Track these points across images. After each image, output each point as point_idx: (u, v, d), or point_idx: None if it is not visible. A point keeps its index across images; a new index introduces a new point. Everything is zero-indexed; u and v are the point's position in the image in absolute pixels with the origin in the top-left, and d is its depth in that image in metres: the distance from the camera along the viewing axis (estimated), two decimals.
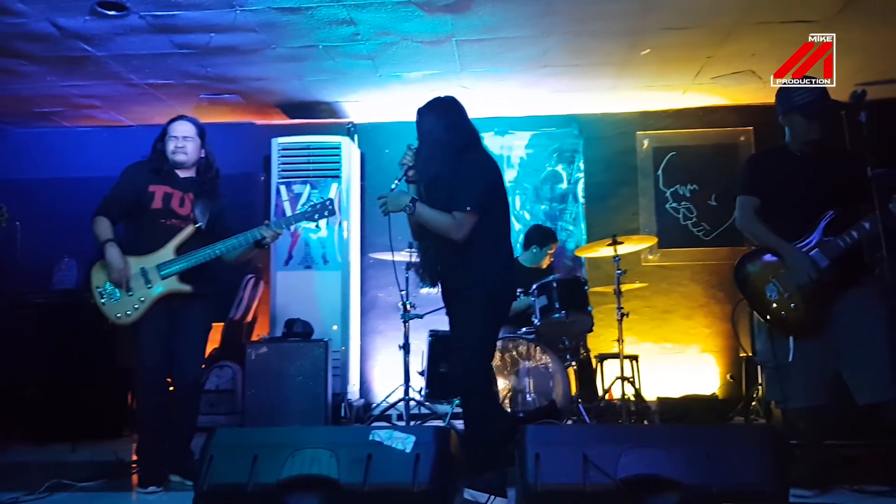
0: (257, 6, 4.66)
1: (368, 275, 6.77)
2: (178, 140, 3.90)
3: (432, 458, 2.67)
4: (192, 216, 3.87)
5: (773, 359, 3.42)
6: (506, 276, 3.44)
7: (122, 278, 3.69)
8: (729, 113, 6.70)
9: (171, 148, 3.90)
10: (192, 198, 3.91)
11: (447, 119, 3.43)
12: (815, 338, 3.35)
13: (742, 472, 2.56)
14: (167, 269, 3.74)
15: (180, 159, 3.91)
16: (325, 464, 2.69)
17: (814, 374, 3.34)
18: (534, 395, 4.89)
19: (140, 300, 3.72)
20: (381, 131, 6.91)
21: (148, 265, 3.74)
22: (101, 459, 4.29)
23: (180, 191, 3.89)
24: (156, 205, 3.82)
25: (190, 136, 3.94)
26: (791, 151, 3.58)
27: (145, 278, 3.73)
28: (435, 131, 3.41)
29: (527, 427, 2.74)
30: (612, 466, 2.58)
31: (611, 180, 6.78)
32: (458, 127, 3.43)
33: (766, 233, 3.51)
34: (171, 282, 3.74)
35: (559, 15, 4.86)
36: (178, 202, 3.87)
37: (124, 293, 3.72)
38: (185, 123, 3.97)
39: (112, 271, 3.70)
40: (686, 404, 5.60)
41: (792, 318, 3.38)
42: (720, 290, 6.51)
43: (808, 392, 3.35)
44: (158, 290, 3.74)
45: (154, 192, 3.84)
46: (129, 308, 3.72)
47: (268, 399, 5.11)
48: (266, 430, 3.63)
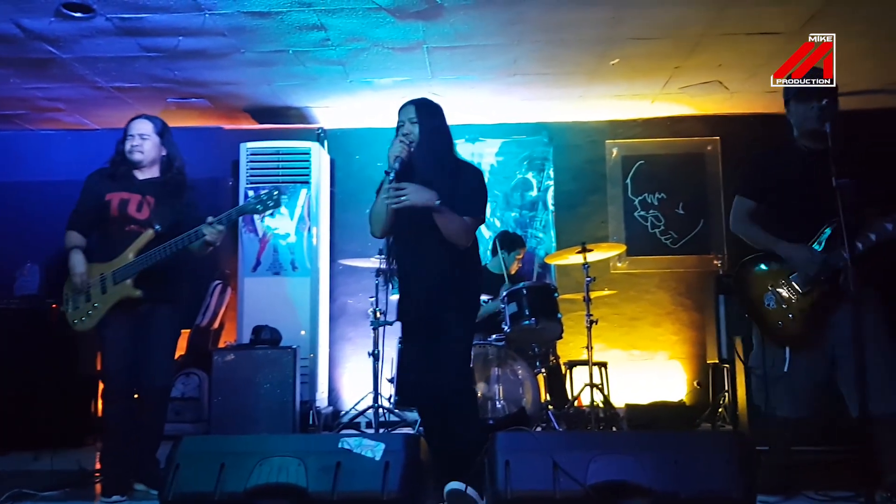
0: (226, 10, 4.62)
1: (338, 281, 6.74)
2: (134, 139, 3.84)
3: (402, 466, 2.66)
4: (152, 220, 3.79)
5: (763, 366, 3.39)
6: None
7: (81, 284, 3.70)
8: (696, 123, 6.78)
9: (127, 147, 3.84)
10: (151, 201, 3.82)
11: (443, 123, 3.42)
12: (808, 349, 3.29)
13: (710, 478, 2.58)
14: (121, 274, 3.69)
15: (137, 158, 3.83)
16: (294, 472, 2.66)
17: (804, 386, 3.30)
18: (503, 402, 4.89)
19: (95, 306, 3.71)
20: (351, 137, 6.90)
21: (107, 272, 3.71)
22: (64, 468, 4.21)
23: (138, 194, 3.81)
24: (112, 212, 3.77)
25: (147, 134, 3.86)
26: (796, 148, 3.44)
27: (102, 285, 3.71)
28: (434, 133, 3.36)
29: (497, 434, 2.74)
30: (582, 473, 2.58)
31: (580, 188, 6.82)
32: (449, 133, 3.43)
33: (762, 234, 3.43)
34: (122, 286, 3.68)
35: (529, 24, 4.88)
36: (135, 207, 3.79)
37: (83, 300, 3.72)
38: (143, 122, 3.90)
39: (72, 277, 3.72)
40: (654, 411, 5.65)
41: (788, 329, 3.31)
42: (688, 297, 6.57)
43: (797, 403, 3.32)
44: (112, 297, 3.69)
45: (111, 200, 3.78)
46: (84, 314, 3.72)
47: (235, 407, 5.05)
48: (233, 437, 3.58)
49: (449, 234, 3.24)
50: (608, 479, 2.58)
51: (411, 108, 3.39)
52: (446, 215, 3.21)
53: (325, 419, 5.88)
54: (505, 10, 4.68)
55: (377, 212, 3.38)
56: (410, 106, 3.40)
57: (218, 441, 3.03)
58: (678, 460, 2.60)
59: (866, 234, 3.16)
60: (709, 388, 6.06)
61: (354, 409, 5.74)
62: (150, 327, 3.79)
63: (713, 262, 6.33)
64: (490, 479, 2.68)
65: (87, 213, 3.84)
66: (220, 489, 2.64)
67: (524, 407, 4.84)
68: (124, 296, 3.68)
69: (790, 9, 4.66)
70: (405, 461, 2.67)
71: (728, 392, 5.45)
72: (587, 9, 4.65)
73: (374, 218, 3.43)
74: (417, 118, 3.35)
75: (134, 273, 3.67)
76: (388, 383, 5.53)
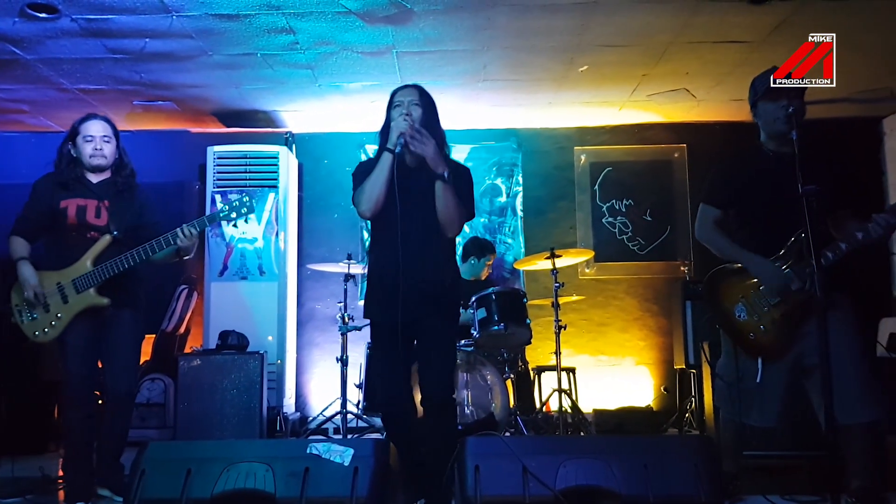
0: (194, 12, 4.58)
1: (305, 286, 6.71)
2: (95, 141, 3.71)
3: (371, 472, 2.65)
4: (109, 225, 3.70)
5: (734, 376, 3.31)
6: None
7: (36, 296, 3.58)
8: (663, 130, 6.85)
9: (88, 151, 3.70)
10: (107, 205, 3.72)
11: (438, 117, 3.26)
12: (781, 359, 3.22)
13: (679, 482, 2.60)
14: (83, 283, 3.60)
15: (99, 163, 3.73)
16: (261, 478, 2.64)
17: (775, 396, 3.25)
18: (472, 408, 4.87)
19: (57, 316, 3.61)
20: (319, 141, 6.88)
21: (65, 280, 3.61)
22: (26, 475, 4.13)
23: (95, 199, 3.71)
24: (70, 220, 3.66)
25: (108, 136, 3.76)
26: (763, 153, 3.37)
27: (62, 294, 3.61)
28: (435, 119, 3.20)
29: (466, 438, 2.73)
30: (552, 478, 2.59)
31: (549, 194, 6.85)
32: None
33: (728, 244, 3.36)
34: (87, 296, 3.60)
35: (498, 30, 4.89)
36: (93, 213, 3.69)
37: (41, 310, 3.61)
38: (101, 123, 3.77)
39: (25, 289, 3.59)
40: (621, 416, 5.69)
41: (760, 340, 3.24)
42: (655, 303, 6.63)
43: (766, 414, 3.28)
44: (75, 306, 3.61)
45: (66, 207, 3.66)
46: (47, 325, 3.62)
47: (200, 413, 5.00)
48: (200, 443, 3.54)
49: (446, 212, 3.06)
50: (578, 484, 2.59)
51: (414, 91, 3.22)
52: (451, 190, 3.03)
53: (292, 425, 5.83)
54: (474, 15, 4.69)
55: (374, 182, 3.06)
56: (412, 89, 3.23)
57: (184, 447, 2.99)
58: (647, 465, 2.62)
59: (837, 244, 3.10)
60: (676, 393, 6.11)
61: (322, 415, 5.70)
62: (114, 332, 3.74)
63: (680, 268, 6.38)
64: (460, 484, 2.67)
65: (37, 220, 3.73)
66: (186, 495, 2.61)
67: (493, 412, 4.84)
68: (89, 304, 3.61)
69: (756, 18, 4.72)
70: (374, 467, 2.66)
71: (695, 397, 5.51)
72: (556, 16, 4.68)
73: (367, 192, 3.09)
74: (420, 102, 3.18)
75: (98, 281, 3.59)
76: (355, 389, 5.50)
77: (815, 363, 3.03)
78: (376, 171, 3.06)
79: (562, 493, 2.56)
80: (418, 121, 3.10)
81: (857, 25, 4.78)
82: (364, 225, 6.73)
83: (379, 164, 3.07)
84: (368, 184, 3.08)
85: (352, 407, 5.44)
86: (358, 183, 3.18)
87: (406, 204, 3.04)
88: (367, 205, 3.09)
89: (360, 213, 3.17)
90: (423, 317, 3.08)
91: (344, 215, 6.78)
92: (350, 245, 6.58)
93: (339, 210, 6.79)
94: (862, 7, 4.58)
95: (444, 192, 3.02)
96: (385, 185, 3.03)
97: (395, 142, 3.02)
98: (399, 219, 3.02)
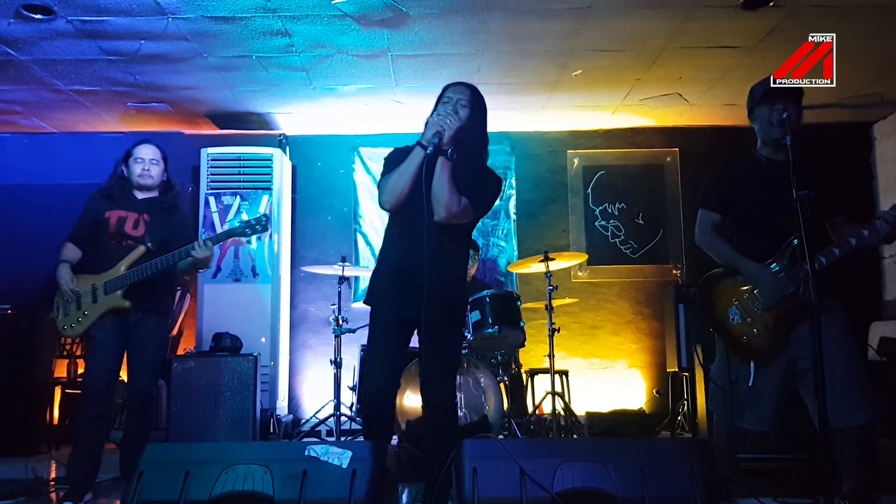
0: (190, 14, 4.58)
1: (298, 288, 6.71)
2: (144, 163, 4.05)
3: (369, 474, 2.64)
4: (145, 238, 4.00)
5: (727, 379, 3.33)
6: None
7: (70, 294, 3.90)
8: (656, 134, 6.89)
9: (137, 171, 4.04)
10: (147, 219, 4.03)
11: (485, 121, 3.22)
12: (774, 363, 3.24)
13: (674, 484, 2.61)
14: (112, 286, 3.87)
15: (146, 183, 4.06)
16: (259, 480, 2.63)
17: (768, 400, 3.27)
18: (465, 411, 4.88)
19: (84, 314, 3.89)
20: (313, 144, 6.88)
21: (98, 282, 3.90)
22: (18, 477, 4.18)
23: (136, 213, 4.03)
24: (111, 229, 3.97)
25: (157, 159, 4.09)
26: (757, 159, 3.41)
27: (93, 294, 3.90)
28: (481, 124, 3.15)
29: (463, 441, 2.74)
30: (549, 480, 2.60)
31: (542, 198, 6.88)
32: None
33: (727, 249, 3.38)
34: (113, 297, 3.87)
35: (493, 34, 4.92)
36: (132, 224, 4.00)
37: (74, 307, 3.91)
38: (151, 147, 4.11)
39: (60, 287, 3.93)
40: (614, 419, 5.71)
41: (753, 343, 3.26)
42: (647, 306, 6.66)
43: (758, 417, 3.29)
44: (102, 305, 3.88)
45: (109, 217, 3.99)
46: (74, 321, 3.91)
47: (194, 415, 4.99)
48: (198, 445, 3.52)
49: (437, 187, 2.96)
50: (575, 486, 2.59)
51: (465, 90, 3.15)
52: (449, 168, 2.94)
53: (285, 427, 5.83)
54: (469, 19, 4.71)
55: (400, 175, 2.99)
56: (464, 87, 3.16)
57: (182, 448, 2.98)
58: (643, 467, 2.63)
59: (830, 249, 3.12)
60: (668, 396, 6.14)
61: (315, 418, 5.69)
62: (139, 336, 3.96)
63: (672, 271, 6.42)
64: (457, 486, 2.68)
65: (85, 228, 4.06)
66: (184, 497, 2.60)
67: (486, 415, 4.84)
68: (114, 306, 3.88)
69: (748, 24, 4.77)
70: (372, 469, 2.65)
71: (687, 400, 5.53)
72: (550, 20, 4.71)
73: (392, 183, 3.02)
74: (469, 103, 3.11)
75: (125, 285, 3.86)
76: (349, 391, 5.49)
77: (808, 367, 3.05)
78: (405, 165, 2.99)
79: (559, 496, 2.56)
80: (463, 121, 3.01)
81: (848, 32, 4.82)
82: (357, 228, 6.75)
83: (409, 157, 3.00)
84: (395, 175, 3.02)
85: (345, 409, 5.43)
86: (388, 169, 3.12)
87: (430, 203, 2.99)
88: (388, 196, 3.04)
89: (380, 204, 3.10)
90: (431, 321, 3.02)
91: (337, 218, 6.80)
92: (343, 247, 6.59)
93: (333, 212, 6.81)
94: (853, 13, 4.62)
95: (442, 167, 2.94)
96: (410, 180, 2.97)
97: (428, 139, 2.93)
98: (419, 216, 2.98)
